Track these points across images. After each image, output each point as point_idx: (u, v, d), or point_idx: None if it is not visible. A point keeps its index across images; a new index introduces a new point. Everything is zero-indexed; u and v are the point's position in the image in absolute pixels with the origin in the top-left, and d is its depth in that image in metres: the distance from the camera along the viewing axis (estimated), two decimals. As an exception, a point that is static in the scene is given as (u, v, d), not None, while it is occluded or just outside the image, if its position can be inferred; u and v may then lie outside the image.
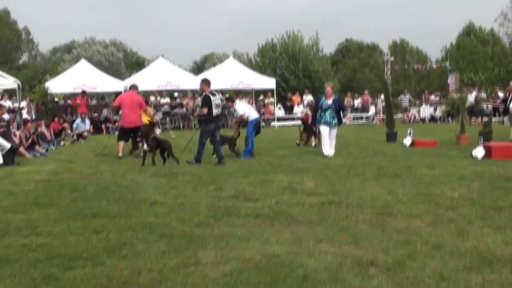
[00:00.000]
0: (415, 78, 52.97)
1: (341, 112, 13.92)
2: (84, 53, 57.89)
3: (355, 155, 13.54)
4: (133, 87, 14.58)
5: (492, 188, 8.20)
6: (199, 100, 12.82)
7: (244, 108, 14.32)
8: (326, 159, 12.72)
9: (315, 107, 14.32)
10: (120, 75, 44.48)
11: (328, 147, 13.50)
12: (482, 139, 12.25)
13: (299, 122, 20.66)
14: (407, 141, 15.78)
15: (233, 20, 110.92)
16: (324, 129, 13.64)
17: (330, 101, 13.67)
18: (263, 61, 46.79)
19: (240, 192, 8.49)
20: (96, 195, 8.47)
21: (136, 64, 65.29)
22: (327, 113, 13.59)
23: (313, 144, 16.21)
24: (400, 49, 58.36)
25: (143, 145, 12.74)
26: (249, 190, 8.59)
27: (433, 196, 7.75)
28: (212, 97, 12.25)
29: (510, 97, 18.01)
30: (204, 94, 12.46)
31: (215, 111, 12.32)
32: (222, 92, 30.12)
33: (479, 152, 11.92)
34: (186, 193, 8.50)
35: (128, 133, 14.37)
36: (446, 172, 10.07)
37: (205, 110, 12.18)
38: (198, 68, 62.65)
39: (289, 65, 44.97)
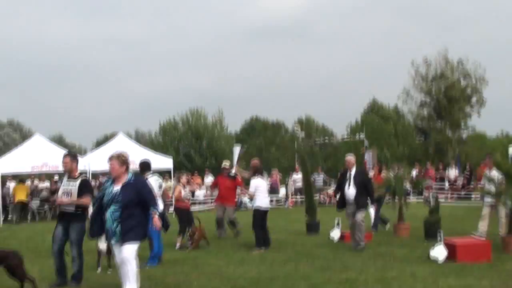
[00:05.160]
0: (321, 155, 51.02)
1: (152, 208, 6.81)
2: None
3: (271, 259, 9.95)
4: None
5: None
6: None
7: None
8: (232, 269, 9.03)
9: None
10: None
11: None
12: (441, 234, 9.00)
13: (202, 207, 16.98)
14: (335, 234, 12.43)
15: (136, 100, 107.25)
16: (114, 248, 6.90)
17: (117, 187, 6.86)
18: (165, 140, 43.82)
19: None
20: None
21: (32, 145, 60.52)
22: (109, 212, 6.79)
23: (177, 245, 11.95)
24: (306, 126, 56.83)
25: None
26: None
27: None
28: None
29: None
30: (82, 178, 8.27)
31: None
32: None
33: (439, 252, 8.70)
34: None
35: None
36: (410, 292, 6.78)
37: (88, 200, 7.99)
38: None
39: (194, 144, 42.40)
